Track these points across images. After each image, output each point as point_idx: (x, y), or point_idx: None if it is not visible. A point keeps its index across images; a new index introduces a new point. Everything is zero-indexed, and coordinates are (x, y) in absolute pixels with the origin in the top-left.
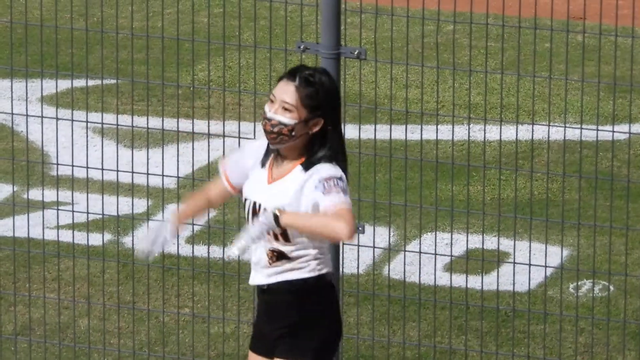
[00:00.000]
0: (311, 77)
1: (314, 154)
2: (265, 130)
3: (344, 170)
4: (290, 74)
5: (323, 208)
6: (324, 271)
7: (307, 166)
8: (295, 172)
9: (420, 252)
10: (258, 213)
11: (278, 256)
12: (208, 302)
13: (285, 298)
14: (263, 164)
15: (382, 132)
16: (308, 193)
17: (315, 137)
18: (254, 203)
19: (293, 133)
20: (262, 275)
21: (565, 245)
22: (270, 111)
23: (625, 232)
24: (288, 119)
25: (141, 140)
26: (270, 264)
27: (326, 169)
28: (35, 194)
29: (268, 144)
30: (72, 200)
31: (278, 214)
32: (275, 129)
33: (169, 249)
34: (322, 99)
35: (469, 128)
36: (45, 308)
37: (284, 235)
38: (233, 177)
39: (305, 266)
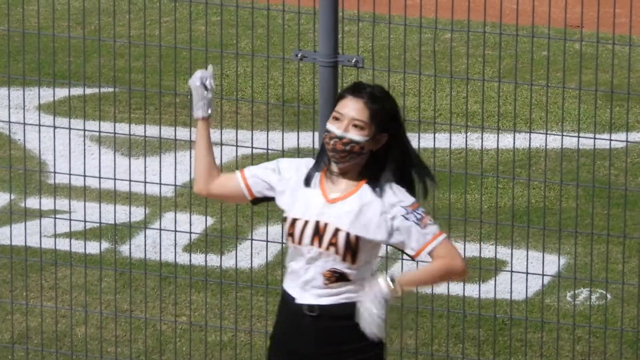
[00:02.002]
0: (377, 93)
1: (376, 172)
2: (335, 150)
3: (411, 186)
4: (356, 91)
5: (425, 243)
6: None
7: (374, 185)
8: (362, 191)
9: (417, 260)
10: (323, 233)
11: (338, 278)
12: (205, 311)
13: (340, 322)
14: (308, 183)
15: None
16: (399, 223)
17: (377, 154)
18: (317, 222)
19: (364, 150)
20: (311, 295)
21: (562, 253)
22: (340, 129)
23: (623, 240)
24: (360, 136)
25: (138, 149)
26: (326, 284)
27: (403, 194)
28: (32, 202)
29: (315, 164)
30: (70, 209)
31: (392, 284)
32: (347, 147)
33: (167, 258)
34: (387, 115)
35: (466, 136)
36: (43, 316)
37: (353, 255)
38: (255, 185)
39: (358, 289)
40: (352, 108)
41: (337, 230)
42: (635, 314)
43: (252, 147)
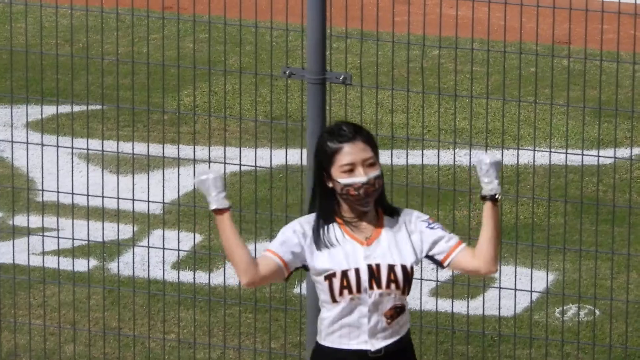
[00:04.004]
0: (358, 127)
1: (381, 200)
2: (367, 195)
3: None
4: (350, 136)
5: (455, 244)
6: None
7: (390, 213)
8: (386, 223)
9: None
10: (378, 274)
11: (399, 311)
12: (194, 328)
13: (402, 355)
14: (329, 241)
15: None
16: (427, 235)
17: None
18: (369, 266)
19: (381, 183)
20: (378, 339)
21: (550, 269)
22: (361, 176)
23: (611, 256)
24: (378, 170)
25: (127, 166)
26: (389, 323)
27: (409, 211)
28: (20, 220)
29: (324, 219)
30: (58, 226)
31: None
32: (376, 186)
33: (155, 275)
34: (374, 140)
35: (454, 153)
36: (31, 334)
37: (409, 285)
38: (290, 262)
39: (407, 317)
40: (355, 153)
41: (391, 267)
42: (624, 330)
43: (240, 164)
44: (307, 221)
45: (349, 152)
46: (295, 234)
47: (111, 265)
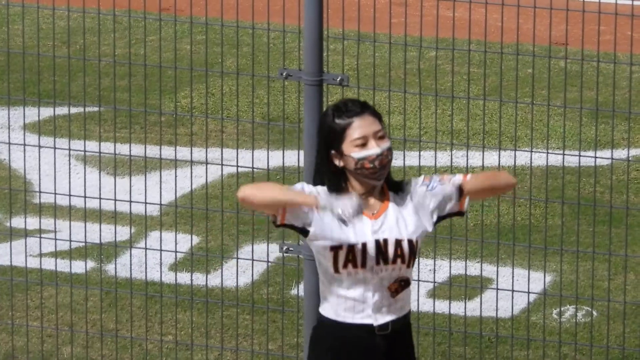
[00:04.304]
0: (363, 102)
1: (387, 176)
2: (382, 166)
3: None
4: (358, 111)
5: (460, 181)
6: None
7: (395, 189)
8: (393, 198)
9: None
10: (385, 249)
11: (404, 284)
12: (191, 330)
13: (405, 336)
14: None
15: None
16: (430, 199)
17: None
18: (377, 241)
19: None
20: (383, 314)
21: (548, 270)
22: (375, 147)
23: (608, 257)
24: (388, 142)
25: (124, 168)
26: (394, 297)
27: (412, 180)
28: (17, 222)
29: (337, 193)
30: (55, 228)
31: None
32: (390, 157)
33: (152, 277)
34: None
35: (451, 154)
36: (29, 336)
37: (415, 257)
38: (292, 216)
39: (410, 294)
40: (366, 126)
41: (398, 242)
42: (621, 331)
43: (238, 166)
44: (323, 191)
45: (360, 126)
46: (313, 195)
47: (108, 267)
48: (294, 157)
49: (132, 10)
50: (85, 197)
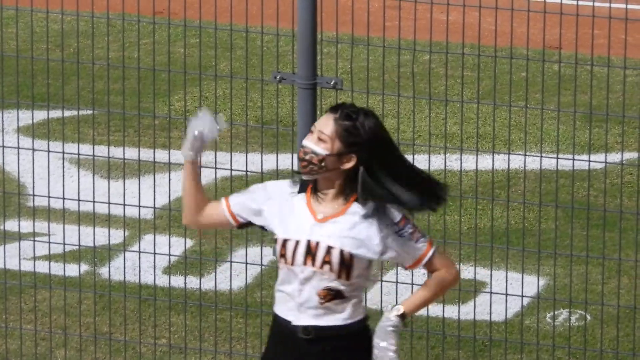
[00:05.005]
0: (353, 114)
1: (350, 185)
2: (298, 158)
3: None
4: (334, 108)
5: (419, 257)
6: (365, 314)
7: (363, 204)
8: (353, 209)
9: (397, 282)
10: (315, 251)
11: (335, 295)
12: (185, 333)
13: (334, 343)
14: (289, 207)
15: None
16: (391, 241)
17: (352, 176)
18: (308, 241)
19: (323, 164)
20: (307, 315)
21: (541, 274)
22: (307, 140)
23: (602, 261)
24: (321, 148)
25: (118, 171)
26: (321, 304)
27: (392, 212)
28: (11, 225)
29: (300, 184)
30: (49, 231)
31: (401, 313)
32: (307, 157)
33: (146, 280)
34: (359, 136)
35: (445, 158)
36: (22, 339)
37: (347, 271)
38: (239, 211)
39: (357, 308)
40: (323, 122)
41: (329, 248)
42: (615, 335)
43: (231, 169)
44: (283, 184)
45: (321, 119)
46: (261, 190)
47: (102, 270)
48: (287, 161)
49: (126, 14)
50: (79, 200)
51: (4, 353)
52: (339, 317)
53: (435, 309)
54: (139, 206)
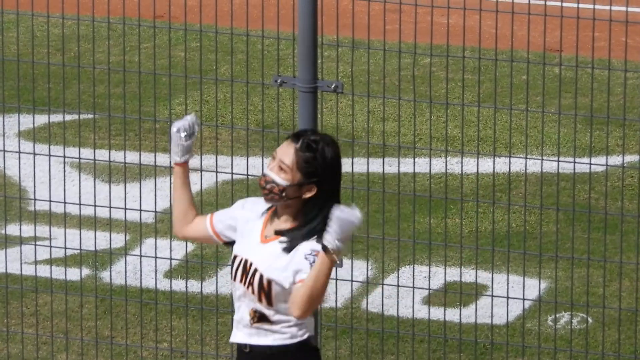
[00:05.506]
0: (313, 144)
1: (309, 221)
2: (259, 186)
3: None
4: (295, 136)
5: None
6: (305, 336)
7: (289, 234)
8: (291, 235)
9: (398, 285)
10: (248, 271)
11: (260, 317)
12: (186, 337)
13: None
14: (249, 227)
15: (360, 165)
16: (304, 265)
17: (311, 203)
18: (246, 261)
19: (284, 194)
20: (243, 333)
21: (543, 277)
22: (268, 167)
23: (603, 264)
24: (281, 179)
25: (119, 175)
26: (251, 324)
27: (313, 243)
28: (12, 229)
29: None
30: (50, 235)
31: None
32: (268, 186)
33: (147, 284)
34: (320, 167)
35: (446, 161)
36: (24, 343)
37: (267, 296)
38: (222, 230)
39: (286, 332)
40: (284, 151)
41: (255, 271)
42: (617, 338)
43: (232, 173)
44: (260, 201)
45: (282, 147)
46: (240, 208)
47: (103, 274)
48: None
49: (127, 18)
50: (80, 204)
51: (6, 357)
52: (271, 338)
53: (436, 312)
54: (140, 210)
